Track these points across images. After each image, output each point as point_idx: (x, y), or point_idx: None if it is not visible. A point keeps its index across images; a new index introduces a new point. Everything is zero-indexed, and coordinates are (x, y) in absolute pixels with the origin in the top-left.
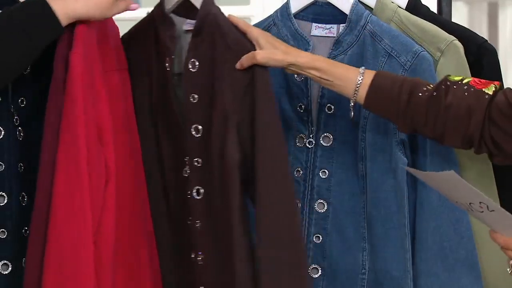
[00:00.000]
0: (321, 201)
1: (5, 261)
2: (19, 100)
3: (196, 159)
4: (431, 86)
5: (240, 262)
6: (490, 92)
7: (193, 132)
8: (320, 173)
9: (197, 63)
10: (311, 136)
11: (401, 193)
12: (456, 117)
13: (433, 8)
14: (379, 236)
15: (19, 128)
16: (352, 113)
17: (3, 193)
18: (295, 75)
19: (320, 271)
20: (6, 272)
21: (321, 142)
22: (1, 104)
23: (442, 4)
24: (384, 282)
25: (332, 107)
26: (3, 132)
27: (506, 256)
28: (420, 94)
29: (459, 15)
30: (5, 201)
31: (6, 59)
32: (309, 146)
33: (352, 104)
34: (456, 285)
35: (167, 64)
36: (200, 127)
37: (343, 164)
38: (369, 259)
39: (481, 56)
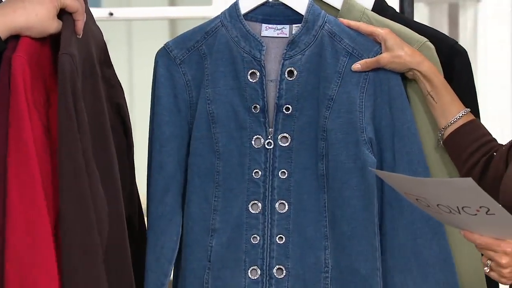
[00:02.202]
0: (282, 201)
1: None
2: None
3: None
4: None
5: None
6: None
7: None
8: (279, 174)
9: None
10: (269, 137)
11: (371, 191)
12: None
13: (395, 9)
14: (344, 235)
15: None
16: (441, 142)
17: None
18: (248, 75)
19: (284, 271)
20: None
21: (279, 142)
22: None
23: (404, 5)
24: (351, 280)
25: (290, 107)
26: None
27: (477, 256)
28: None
29: (420, 16)
30: None
31: None
32: (268, 147)
33: (440, 135)
34: (432, 280)
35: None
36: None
37: (302, 164)
38: (333, 258)
39: (453, 57)
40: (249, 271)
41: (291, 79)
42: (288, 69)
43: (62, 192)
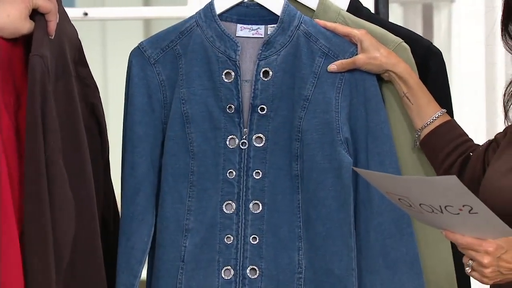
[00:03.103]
0: (256, 201)
1: None
2: None
3: None
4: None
5: None
6: None
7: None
8: (253, 174)
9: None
10: (244, 137)
11: (347, 192)
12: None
13: (370, 9)
14: (319, 235)
15: None
16: (417, 143)
17: None
18: (223, 75)
19: (258, 271)
20: None
21: (254, 143)
22: None
23: (379, 5)
24: (326, 280)
25: (265, 107)
26: None
27: (448, 256)
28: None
29: (394, 17)
30: None
31: None
32: (243, 147)
33: (416, 136)
34: (398, 281)
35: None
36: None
37: (276, 165)
38: (307, 258)
39: (428, 58)
40: (222, 271)
41: (266, 79)
42: (263, 69)
43: (24, 193)
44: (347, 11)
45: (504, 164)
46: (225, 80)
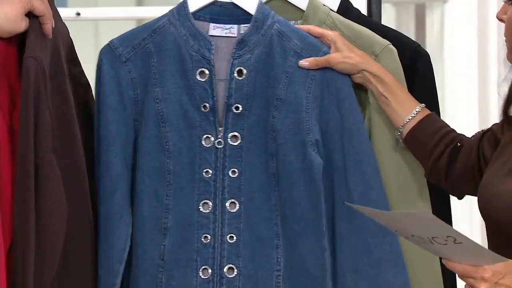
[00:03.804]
0: (233, 200)
1: None
2: None
3: None
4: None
5: None
6: None
7: None
8: (230, 173)
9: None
10: (219, 136)
11: (317, 192)
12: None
13: (363, 9)
14: (294, 234)
15: None
16: (401, 140)
17: None
18: (197, 74)
19: (235, 270)
20: None
21: (229, 141)
22: None
23: (372, 6)
24: (302, 279)
25: (240, 106)
26: None
27: (435, 261)
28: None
29: (387, 17)
30: None
31: None
32: (218, 146)
33: (399, 134)
34: (382, 280)
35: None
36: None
37: (252, 163)
38: (284, 256)
39: (415, 60)
40: (200, 270)
41: (240, 78)
42: (238, 68)
43: (14, 195)
44: (337, 10)
45: (500, 168)
46: (199, 79)
